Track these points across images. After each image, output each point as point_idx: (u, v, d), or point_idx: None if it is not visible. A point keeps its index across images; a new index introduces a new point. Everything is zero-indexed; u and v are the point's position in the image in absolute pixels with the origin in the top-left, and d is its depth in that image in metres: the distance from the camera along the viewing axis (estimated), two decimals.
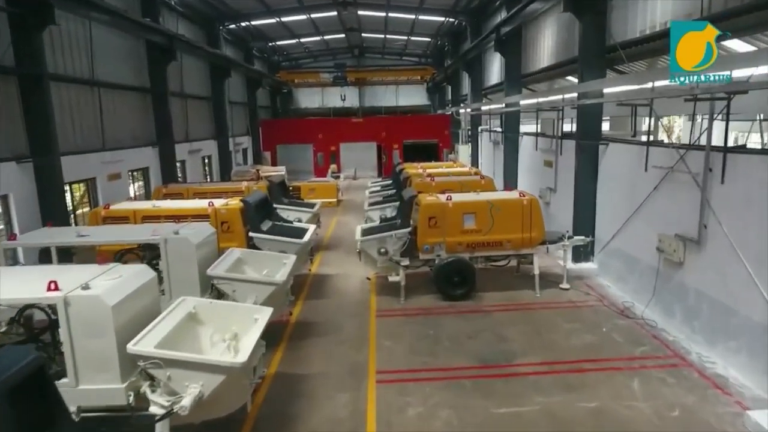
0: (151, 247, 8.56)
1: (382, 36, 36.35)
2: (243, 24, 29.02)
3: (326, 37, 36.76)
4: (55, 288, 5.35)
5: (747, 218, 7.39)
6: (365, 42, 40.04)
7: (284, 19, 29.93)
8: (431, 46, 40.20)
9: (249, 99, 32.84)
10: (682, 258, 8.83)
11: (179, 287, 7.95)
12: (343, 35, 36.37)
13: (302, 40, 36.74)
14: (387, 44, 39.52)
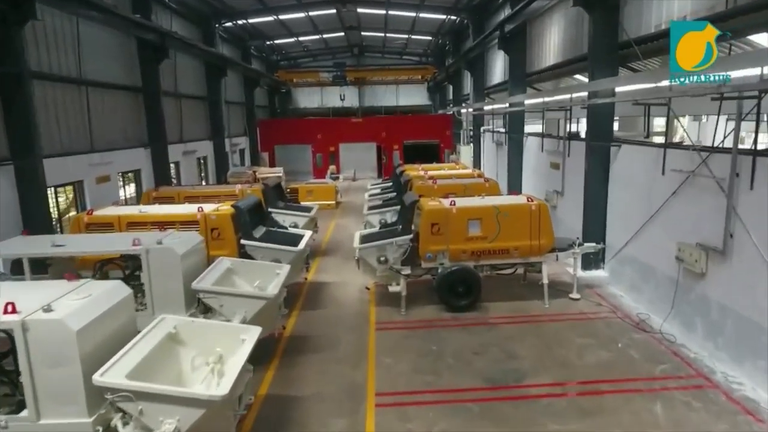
0: (134, 258, 7.96)
1: (382, 35, 35.76)
2: (240, 22, 28.41)
3: (325, 36, 36.20)
4: (12, 311, 4.75)
5: None
6: (365, 41, 39.48)
7: (282, 17, 29.39)
8: (432, 45, 39.59)
9: (246, 99, 32.24)
10: (705, 269, 8.21)
11: (162, 302, 7.40)
12: (343, 34, 35.78)
13: (301, 39, 36.15)
14: (387, 43, 38.92)
